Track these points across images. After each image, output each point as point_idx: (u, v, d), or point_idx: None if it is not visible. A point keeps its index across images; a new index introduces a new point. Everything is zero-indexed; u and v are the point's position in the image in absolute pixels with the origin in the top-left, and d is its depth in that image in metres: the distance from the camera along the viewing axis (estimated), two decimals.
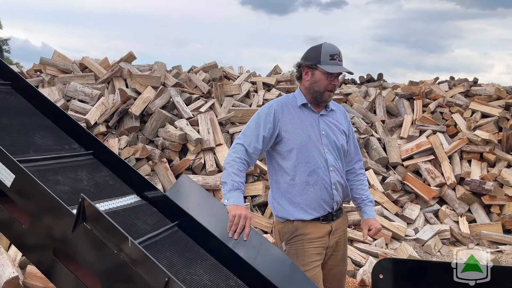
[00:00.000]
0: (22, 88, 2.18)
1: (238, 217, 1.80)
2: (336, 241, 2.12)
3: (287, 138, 2.06)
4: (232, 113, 6.09)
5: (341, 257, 2.17)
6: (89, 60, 6.56)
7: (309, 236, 2.02)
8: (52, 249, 1.43)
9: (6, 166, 1.48)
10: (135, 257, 1.29)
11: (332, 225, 2.08)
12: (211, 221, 1.92)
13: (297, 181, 2.05)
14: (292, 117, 2.10)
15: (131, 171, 1.99)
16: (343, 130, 2.17)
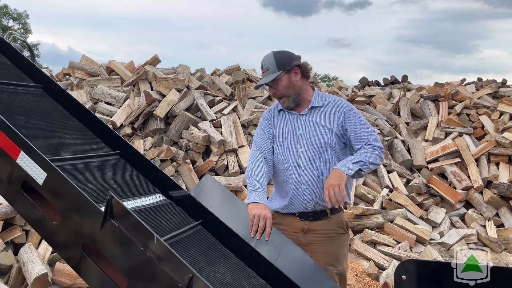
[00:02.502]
0: (53, 90, 2.27)
1: (258, 217, 1.88)
2: (311, 241, 2.12)
3: (274, 141, 2.23)
4: (255, 115, 6.13)
5: (325, 261, 2.08)
6: (115, 64, 6.72)
7: (283, 227, 2.13)
8: (82, 245, 1.48)
9: (38, 164, 1.54)
10: (161, 254, 1.33)
11: (306, 223, 2.14)
12: (233, 220, 1.94)
13: (277, 179, 2.28)
14: (276, 121, 2.24)
15: (157, 170, 2.04)
16: (328, 126, 2.14)
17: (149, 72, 6.57)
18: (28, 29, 26.72)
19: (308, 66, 2.18)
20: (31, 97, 2.13)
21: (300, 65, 2.13)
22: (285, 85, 2.11)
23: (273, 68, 2.09)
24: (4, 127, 1.60)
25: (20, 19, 26.39)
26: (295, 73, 2.13)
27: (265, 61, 2.13)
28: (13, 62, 2.37)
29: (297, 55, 2.18)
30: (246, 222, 1.94)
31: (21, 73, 2.31)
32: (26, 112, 1.94)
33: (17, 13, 26.28)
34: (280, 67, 2.09)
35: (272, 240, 1.87)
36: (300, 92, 2.16)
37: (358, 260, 4.30)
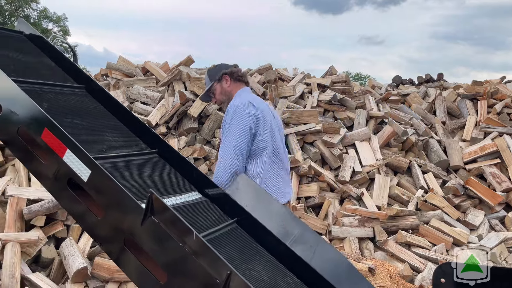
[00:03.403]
0: (94, 91, 2.36)
1: None
2: None
3: None
4: (287, 114, 6.13)
5: None
6: (150, 64, 6.88)
7: None
8: (123, 240, 1.54)
9: (83, 162, 1.61)
10: (199, 250, 1.36)
11: None
12: (268, 219, 1.96)
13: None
14: None
15: (193, 169, 2.09)
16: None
17: (183, 73, 6.68)
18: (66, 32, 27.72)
19: (240, 71, 2.55)
20: (74, 98, 2.22)
21: (228, 72, 2.50)
22: (219, 92, 2.53)
23: (208, 81, 2.52)
24: (51, 126, 1.68)
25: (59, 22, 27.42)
26: (225, 81, 2.53)
27: (205, 79, 2.56)
28: (58, 63, 2.48)
29: (231, 65, 2.54)
30: (281, 221, 1.96)
31: (65, 74, 2.42)
32: (71, 111, 2.03)
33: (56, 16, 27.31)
34: (212, 79, 2.51)
35: (307, 239, 1.87)
36: (231, 96, 2.54)
37: (392, 261, 4.23)
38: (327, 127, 6.09)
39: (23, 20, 2.65)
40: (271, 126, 2.57)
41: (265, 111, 2.55)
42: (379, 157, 6.05)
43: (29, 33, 2.57)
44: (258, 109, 2.48)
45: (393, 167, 6.21)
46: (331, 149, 5.98)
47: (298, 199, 5.32)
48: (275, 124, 2.65)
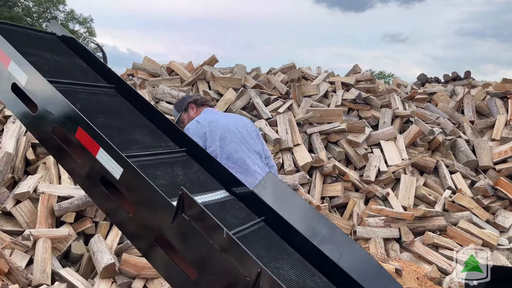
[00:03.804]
0: (124, 91, 2.40)
1: None
2: None
3: None
4: (311, 113, 6.10)
5: None
6: (175, 64, 6.96)
7: None
8: (154, 237, 1.57)
9: (116, 160, 1.65)
10: (229, 247, 1.38)
11: None
12: (295, 218, 1.96)
13: None
14: None
15: (220, 167, 2.11)
16: None
17: (207, 72, 6.74)
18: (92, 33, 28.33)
19: (203, 98, 2.92)
20: (105, 97, 2.28)
21: (192, 101, 2.81)
22: (187, 120, 2.77)
23: (175, 113, 2.79)
24: (85, 125, 1.73)
25: (86, 23, 28.04)
26: (191, 109, 2.89)
27: (173, 112, 2.81)
28: (89, 64, 2.54)
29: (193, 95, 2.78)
30: (308, 220, 1.95)
31: (96, 75, 2.47)
32: (102, 111, 2.08)
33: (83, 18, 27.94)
34: (179, 110, 2.80)
35: (335, 239, 1.86)
36: None
37: (419, 263, 4.16)
38: (352, 126, 6.03)
39: (55, 22, 2.72)
40: (223, 135, 2.85)
41: (213, 123, 2.85)
42: (405, 157, 5.96)
43: (61, 35, 2.64)
44: (202, 124, 2.82)
45: (419, 167, 6.10)
46: (356, 148, 5.92)
47: (322, 198, 5.29)
48: (233, 133, 2.91)
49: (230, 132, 2.92)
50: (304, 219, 1.96)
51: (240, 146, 2.91)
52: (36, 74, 1.87)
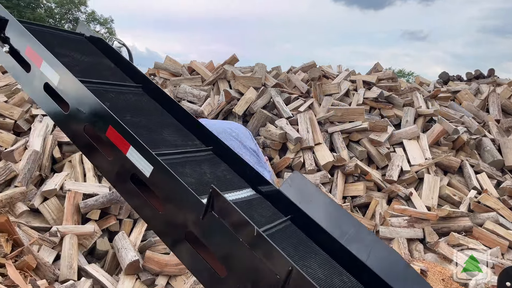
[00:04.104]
0: (151, 90, 2.44)
1: None
2: None
3: None
4: (332, 112, 6.06)
5: None
6: (196, 64, 7.02)
7: None
8: (184, 234, 1.59)
9: (146, 158, 1.68)
10: (260, 245, 1.38)
11: None
12: (322, 217, 1.96)
13: None
14: None
15: (246, 166, 2.11)
16: None
17: (227, 71, 6.77)
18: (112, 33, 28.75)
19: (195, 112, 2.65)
20: (133, 96, 2.31)
21: None
22: None
23: None
24: (116, 124, 1.76)
25: (106, 24, 28.47)
26: None
27: None
28: (116, 64, 2.59)
29: None
30: (334, 219, 1.95)
31: (123, 74, 2.52)
32: (130, 110, 2.11)
33: (103, 19, 28.37)
34: None
35: (362, 238, 1.85)
36: None
37: (444, 264, 4.09)
38: (374, 125, 5.97)
39: (83, 23, 2.78)
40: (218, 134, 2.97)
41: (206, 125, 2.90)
42: (429, 156, 5.86)
43: (89, 35, 2.70)
44: None
45: (443, 166, 6.00)
46: (378, 147, 5.86)
47: (344, 198, 5.26)
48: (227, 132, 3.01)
49: (224, 132, 3.04)
50: (331, 218, 1.95)
51: (235, 142, 3.04)
52: (68, 74, 1.91)
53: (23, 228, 3.95)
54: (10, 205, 4.07)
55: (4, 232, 3.63)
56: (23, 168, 4.36)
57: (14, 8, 23.16)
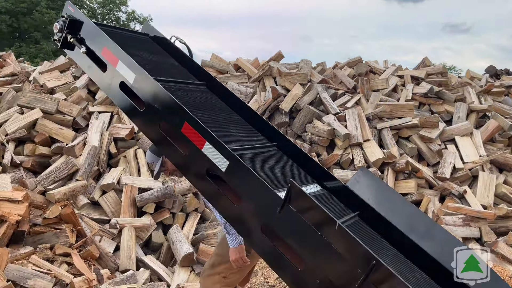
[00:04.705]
0: (215, 87, 2.50)
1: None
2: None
3: None
4: (381, 108, 5.97)
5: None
6: (242, 61, 7.09)
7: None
8: (260, 227, 1.63)
9: (221, 154, 1.73)
10: (341, 240, 1.40)
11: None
12: (391, 213, 1.95)
13: None
14: None
15: (312, 161, 2.14)
16: None
17: (273, 68, 6.80)
18: None
19: None
20: (200, 94, 2.38)
21: None
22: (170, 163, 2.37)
23: (156, 158, 2.45)
24: (192, 120, 1.83)
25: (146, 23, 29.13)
26: None
27: (148, 158, 2.52)
28: (180, 62, 2.67)
29: None
30: (404, 215, 1.93)
31: (188, 73, 2.60)
32: (199, 107, 2.18)
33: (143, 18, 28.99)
34: (160, 154, 2.43)
35: (434, 235, 1.83)
36: None
37: (503, 264, 3.95)
38: (425, 121, 5.82)
39: (148, 23, 2.88)
40: None
41: None
42: (483, 153, 5.66)
43: (154, 35, 2.80)
44: None
45: (498, 164, 5.77)
46: (429, 144, 5.71)
47: None
48: None
49: None
50: (400, 214, 1.94)
51: None
52: (143, 73, 2.01)
53: (85, 219, 4.15)
54: (73, 197, 4.29)
55: (69, 223, 3.83)
56: (84, 163, 4.58)
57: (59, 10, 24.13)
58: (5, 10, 21.40)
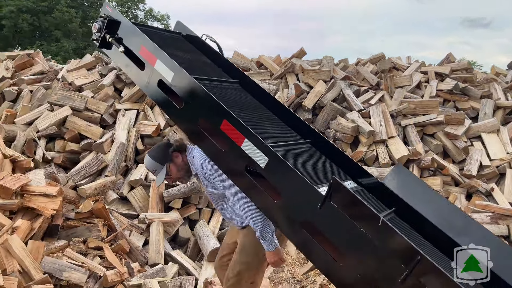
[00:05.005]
0: (248, 85, 2.54)
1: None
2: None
3: None
4: (405, 104, 5.92)
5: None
6: (264, 58, 7.11)
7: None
8: (300, 222, 1.66)
9: (261, 150, 1.77)
10: (385, 235, 1.42)
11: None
12: (426, 209, 1.96)
13: None
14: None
15: (346, 158, 2.16)
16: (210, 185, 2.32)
17: (295, 65, 6.80)
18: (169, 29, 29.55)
19: (180, 140, 2.48)
20: (234, 92, 2.43)
21: (176, 149, 2.37)
22: (176, 171, 2.38)
23: (159, 166, 2.37)
24: (230, 117, 1.87)
25: (163, 20, 29.22)
26: (176, 157, 2.37)
27: (149, 166, 2.42)
28: (212, 60, 2.72)
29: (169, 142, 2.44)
30: (441, 212, 1.94)
31: (221, 71, 2.64)
32: (236, 105, 2.22)
33: (160, 15, 29.15)
34: (163, 163, 2.36)
35: (470, 231, 1.84)
36: (188, 167, 2.38)
37: None
38: (450, 118, 5.75)
39: (180, 22, 2.93)
40: None
41: None
42: (510, 151, 5.56)
43: (186, 34, 2.85)
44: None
45: None
46: (455, 141, 5.64)
47: None
48: None
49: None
50: (436, 211, 1.95)
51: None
52: (181, 72, 2.06)
53: (114, 214, 4.25)
54: (103, 193, 4.40)
55: (100, 218, 3.93)
56: (112, 159, 4.69)
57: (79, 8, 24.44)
58: (27, 9, 21.82)
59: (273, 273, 3.91)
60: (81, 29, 23.23)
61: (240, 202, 2.10)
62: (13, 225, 3.24)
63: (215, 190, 2.29)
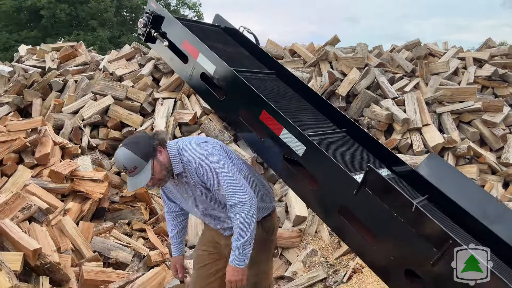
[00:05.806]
0: (284, 76, 2.63)
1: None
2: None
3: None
4: (441, 92, 5.84)
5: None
6: (297, 46, 7.14)
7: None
8: (337, 208, 1.76)
9: (298, 139, 1.87)
10: (418, 220, 1.51)
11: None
12: (461, 197, 2.00)
13: None
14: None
15: (381, 146, 2.23)
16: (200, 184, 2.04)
17: (329, 52, 6.80)
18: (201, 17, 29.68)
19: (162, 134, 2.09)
20: (271, 83, 2.53)
21: (160, 143, 2.01)
22: (159, 169, 1.98)
23: (141, 163, 1.93)
24: (269, 108, 1.98)
25: (195, 8, 29.37)
26: (160, 152, 1.99)
27: (127, 162, 1.92)
28: (250, 52, 2.82)
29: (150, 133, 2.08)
30: (475, 200, 1.98)
31: (258, 62, 2.74)
32: (273, 95, 2.32)
33: (192, 3, 29.33)
34: (147, 159, 1.94)
35: (508, 220, 1.88)
36: (171, 166, 2.03)
37: None
38: (488, 105, 5.64)
39: (219, 15, 3.04)
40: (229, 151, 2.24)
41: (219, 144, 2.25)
42: None
43: (224, 26, 2.95)
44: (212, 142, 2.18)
45: None
46: (492, 129, 5.54)
47: None
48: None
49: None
50: (471, 199, 1.99)
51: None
52: (223, 65, 2.17)
53: (155, 198, 4.48)
54: None
55: (143, 202, 4.16)
56: None
57: None
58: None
59: (307, 257, 4.03)
60: (116, 18, 23.75)
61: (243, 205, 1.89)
62: (65, 207, 3.50)
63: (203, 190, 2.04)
